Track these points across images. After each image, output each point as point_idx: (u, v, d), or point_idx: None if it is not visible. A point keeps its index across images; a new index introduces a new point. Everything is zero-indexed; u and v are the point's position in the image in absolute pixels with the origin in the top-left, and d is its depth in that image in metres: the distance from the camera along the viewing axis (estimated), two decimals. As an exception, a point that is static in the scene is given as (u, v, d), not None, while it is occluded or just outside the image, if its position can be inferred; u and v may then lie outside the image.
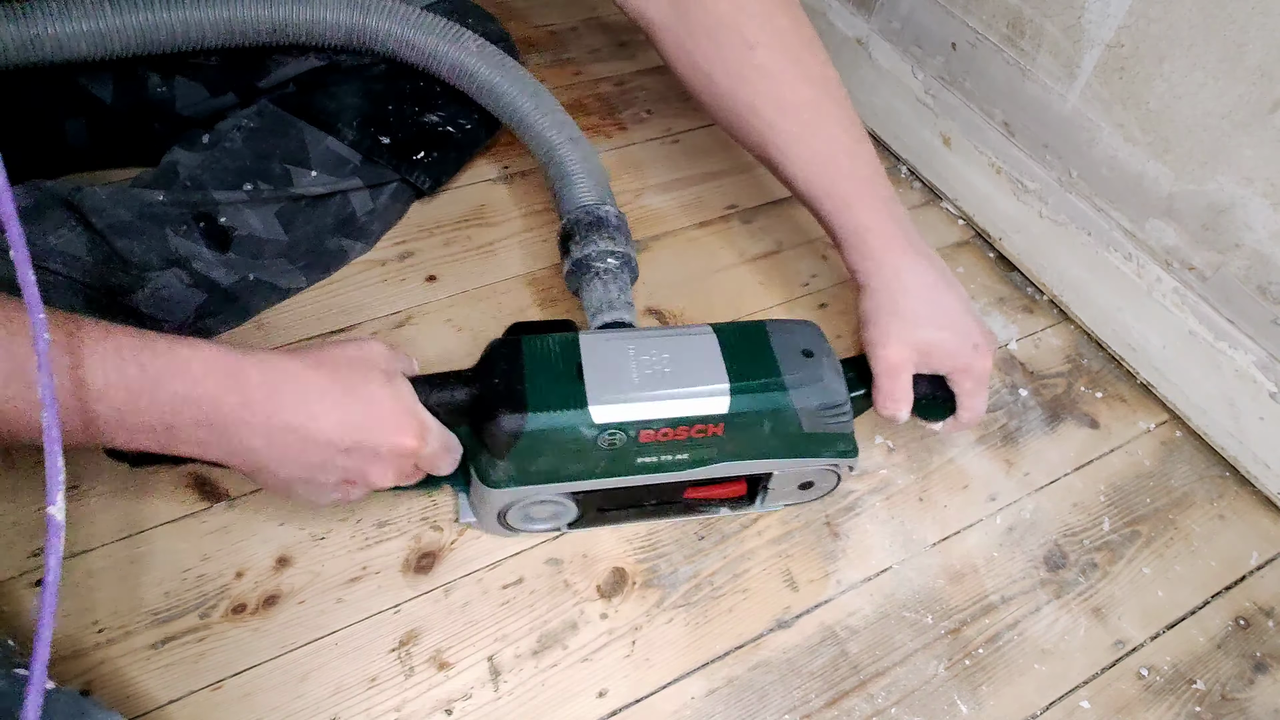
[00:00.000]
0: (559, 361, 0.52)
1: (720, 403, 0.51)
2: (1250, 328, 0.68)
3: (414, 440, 0.48)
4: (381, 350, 0.50)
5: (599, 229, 0.64)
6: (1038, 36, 0.77)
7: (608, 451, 0.52)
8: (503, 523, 0.57)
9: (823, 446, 0.56)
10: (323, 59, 0.72)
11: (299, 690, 0.51)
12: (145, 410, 0.42)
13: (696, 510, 0.61)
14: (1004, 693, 0.56)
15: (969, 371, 0.57)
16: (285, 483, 0.47)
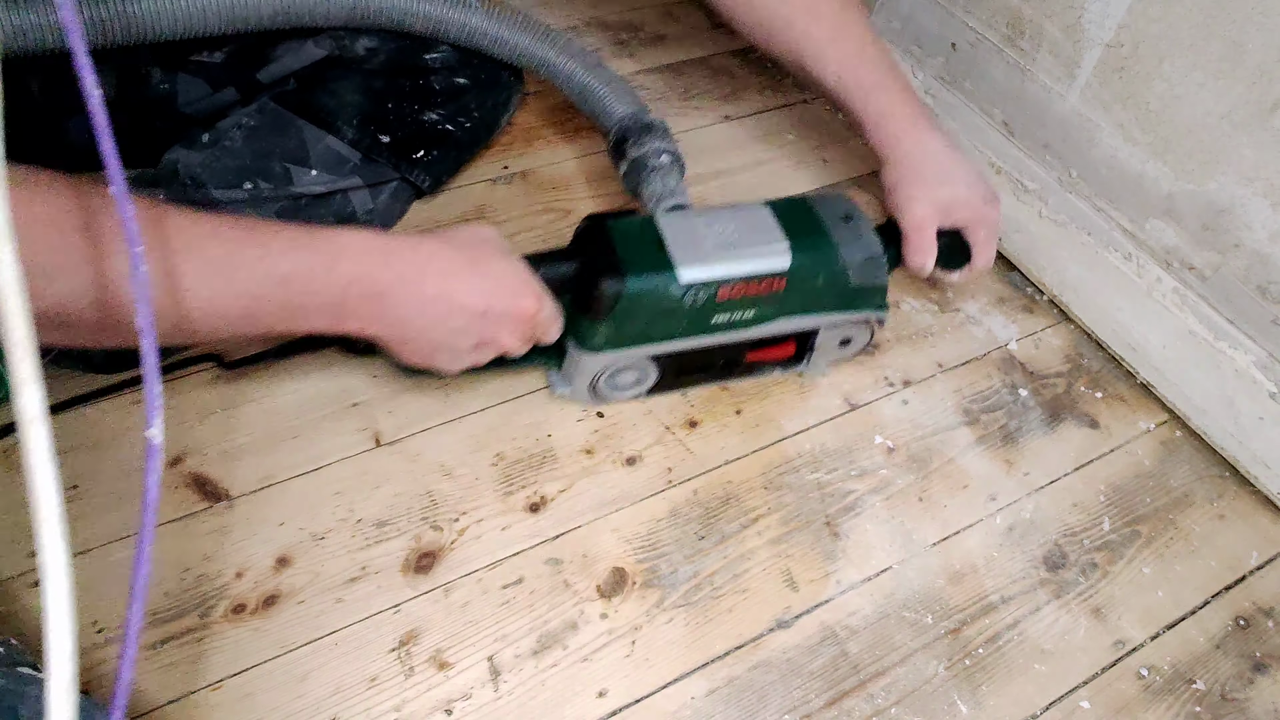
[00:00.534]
0: (642, 235, 0.60)
1: (783, 260, 0.60)
2: (1250, 328, 0.68)
3: (534, 304, 0.55)
4: (495, 232, 0.57)
5: (650, 131, 0.72)
6: (1038, 36, 0.77)
7: (690, 311, 0.60)
8: (593, 391, 0.64)
9: (863, 300, 0.64)
10: (323, 49, 0.72)
11: (299, 690, 0.51)
12: (321, 291, 0.49)
13: (755, 371, 0.69)
14: (1004, 693, 0.56)
15: (983, 222, 0.68)
16: (430, 349, 0.54)
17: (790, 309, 0.63)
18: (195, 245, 0.45)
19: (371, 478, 0.61)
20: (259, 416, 0.62)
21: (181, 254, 0.44)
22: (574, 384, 0.64)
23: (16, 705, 0.38)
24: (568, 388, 0.65)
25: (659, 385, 0.66)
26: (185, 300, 0.45)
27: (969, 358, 0.75)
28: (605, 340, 0.60)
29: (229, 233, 0.46)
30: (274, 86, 0.72)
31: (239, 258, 0.46)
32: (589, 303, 0.58)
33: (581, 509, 0.61)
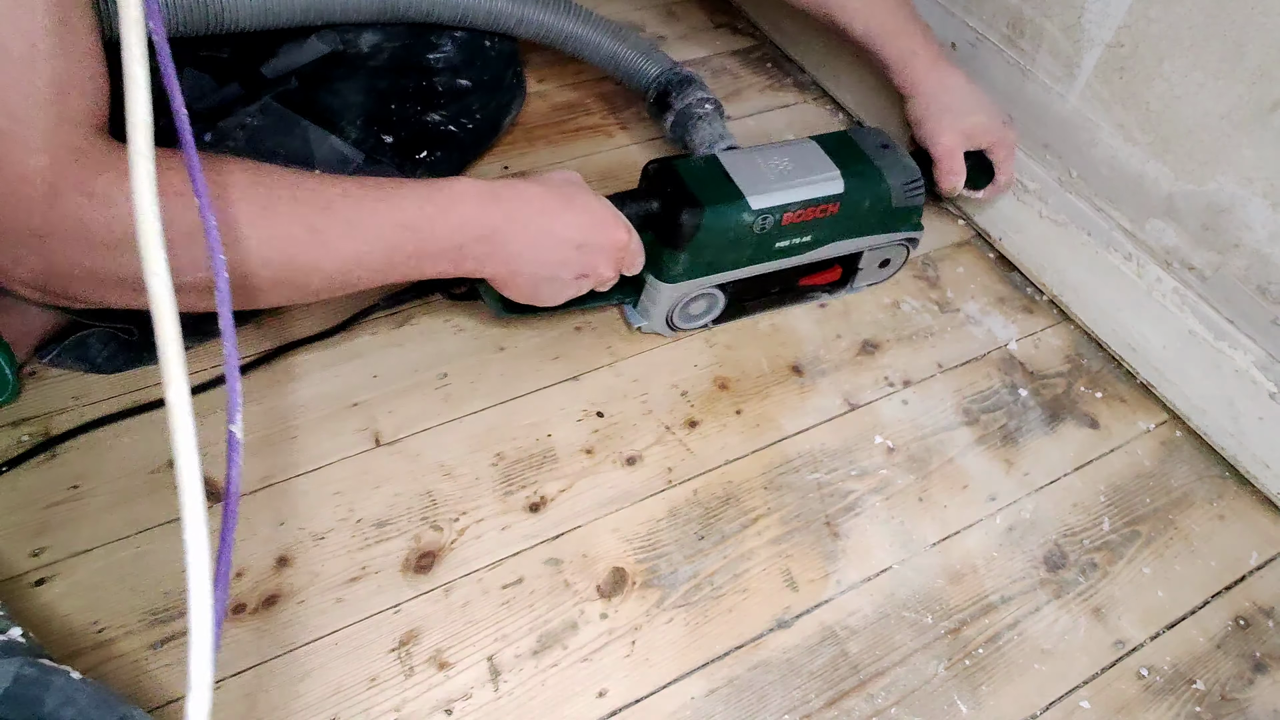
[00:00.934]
0: (710, 172, 0.65)
1: (836, 184, 0.67)
2: (1250, 328, 0.68)
3: (625, 235, 0.60)
4: (578, 176, 0.62)
5: (690, 83, 0.79)
6: (1038, 36, 0.77)
7: (758, 237, 0.66)
8: (669, 322, 0.70)
9: (902, 221, 0.72)
10: (326, 44, 0.72)
11: (299, 690, 0.51)
12: (441, 236, 0.53)
13: (807, 296, 0.76)
14: (1004, 693, 0.56)
15: (1003, 142, 0.76)
16: (536, 281, 0.59)
17: (841, 232, 0.69)
18: (333, 205, 0.49)
19: (371, 478, 0.61)
20: (259, 416, 0.62)
21: (324, 213, 0.49)
22: (651, 316, 0.69)
23: (43, 694, 0.38)
24: (646, 320, 0.70)
25: (725, 314, 0.72)
26: (334, 254, 0.50)
27: (969, 358, 0.75)
28: (683, 270, 0.65)
29: (357, 190, 0.51)
30: (277, 84, 0.72)
31: (370, 211, 0.51)
32: (670, 234, 0.64)
33: (581, 509, 0.61)
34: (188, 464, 0.33)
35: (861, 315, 0.77)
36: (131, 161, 0.34)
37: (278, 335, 0.67)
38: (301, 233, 0.49)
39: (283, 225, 0.48)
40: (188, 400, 0.33)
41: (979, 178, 0.78)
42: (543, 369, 0.69)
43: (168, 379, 0.33)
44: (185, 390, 0.33)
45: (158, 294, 0.34)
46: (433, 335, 0.69)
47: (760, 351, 0.73)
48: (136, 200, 0.34)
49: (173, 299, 0.34)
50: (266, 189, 0.48)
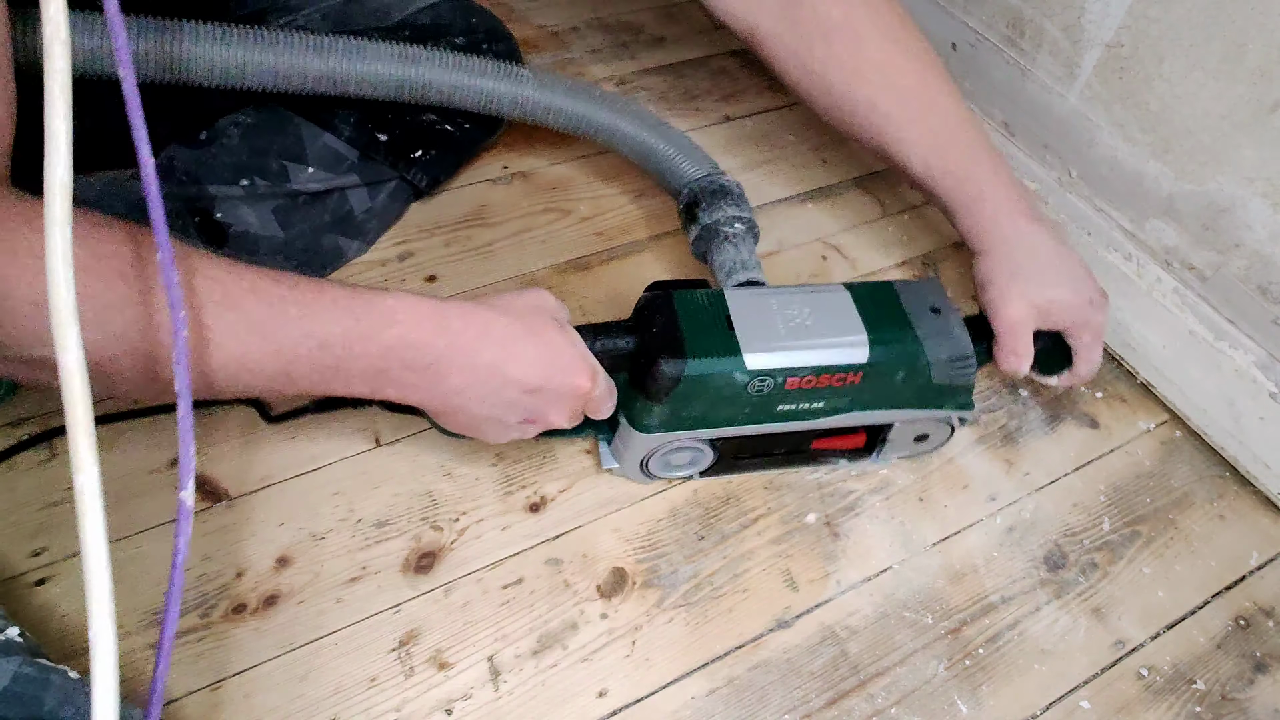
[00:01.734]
0: (710, 313, 0.55)
1: (860, 353, 0.55)
2: (1250, 328, 0.68)
3: (588, 382, 0.51)
4: (552, 300, 0.53)
5: (723, 196, 0.69)
6: (1038, 36, 0.77)
7: (754, 398, 0.55)
8: (644, 469, 0.61)
9: (946, 398, 0.60)
10: None
11: (299, 690, 0.51)
12: (361, 357, 0.46)
13: (819, 460, 0.65)
14: (1004, 693, 0.56)
15: (1087, 326, 0.62)
16: (476, 421, 0.51)
17: (864, 404, 0.58)
18: (232, 300, 0.42)
19: (371, 478, 0.61)
20: (258, 416, 0.62)
21: (216, 309, 0.42)
22: (624, 461, 0.60)
23: (42, 693, 0.38)
24: (617, 464, 0.61)
25: (714, 468, 0.62)
26: (216, 356, 0.42)
27: (969, 358, 0.75)
28: (660, 422, 0.56)
29: (269, 289, 0.44)
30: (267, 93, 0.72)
31: (279, 316, 0.44)
32: (645, 383, 0.54)
33: (581, 509, 0.61)
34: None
35: (861, 315, 0.77)
36: (48, 230, 0.30)
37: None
38: None
39: (157, 313, 0.40)
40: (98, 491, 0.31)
41: (1053, 362, 0.65)
42: (543, 369, 0.68)
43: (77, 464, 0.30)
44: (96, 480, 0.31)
45: (69, 371, 0.30)
46: (432, 335, 0.69)
47: (760, 351, 0.73)
48: (50, 271, 0.31)
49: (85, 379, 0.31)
50: (145, 265, 0.40)
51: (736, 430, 0.58)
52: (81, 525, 0.30)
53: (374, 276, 0.73)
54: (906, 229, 0.86)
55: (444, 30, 0.77)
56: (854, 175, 0.90)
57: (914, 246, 0.84)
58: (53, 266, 0.31)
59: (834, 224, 0.85)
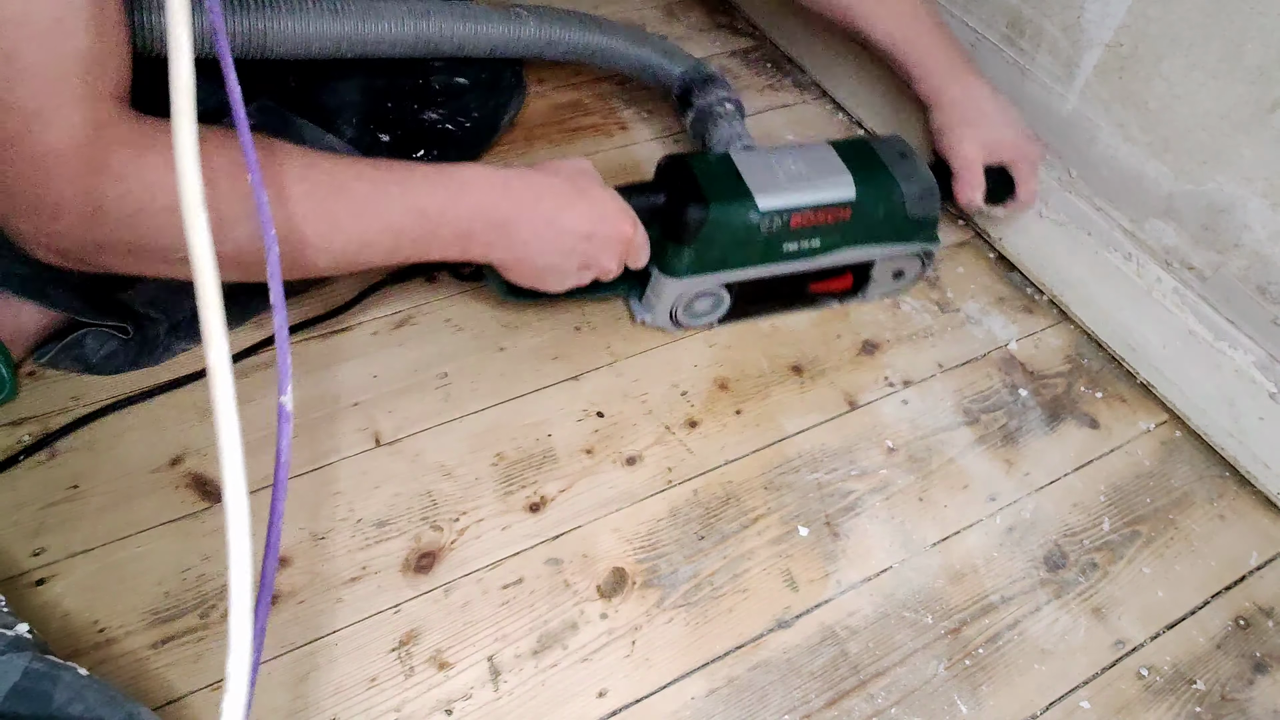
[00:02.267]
0: (721, 169, 0.66)
1: (849, 190, 0.66)
2: (1250, 328, 0.68)
3: (630, 228, 0.61)
4: (590, 165, 0.63)
5: (712, 82, 0.80)
6: (1037, 36, 0.77)
7: (765, 238, 0.66)
8: (673, 317, 0.70)
9: (917, 231, 0.71)
10: None
11: (299, 690, 0.51)
12: (452, 221, 0.55)
13: (817, 302, 0.76)
14: (1004, 693, 0.56)
15: (1026, 157, 0.75)
16: (541, 270, 0.60)
17: (853, 239, 0.69)
18: (346, 186, 0.50)
19: (371, 478, 0.61)
20: (259, 416, 0.62)
21: (335, 195, 0.50)
22: (655, 310, 0.69)
23: (52, 690, 0.38)
24: (650, 313, 0.70)
25: (731, 313, 0.72)
26: (341, 234, 0.51)
27: (969, 358, 0.75)
28: (688, 266, 0.66)
29: (371, 173, 0.52)
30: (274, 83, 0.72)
31: (384, 195, 0.52)
32: (675, 229, 0.64)
33: (581, 509, 0.61)
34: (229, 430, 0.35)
35: (861, 315, 0.77)
36: (175, 128, 0.35)
37: (277, 335, 0.67)
38: (314, 214, 0.49)
39: (296, 206, 0.48)
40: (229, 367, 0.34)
41: (1000, 192, 0.76)
42: (543, 369, 0.69)
43: (209, 342, 0.34)
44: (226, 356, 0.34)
45: (200, 261, 0.34)
46: (433, 335, 0.69)
47: (760, 351, 0.73)
48: (180, 168, 0.34)
49: (215, 266, 0.34)
50: (281, 168, 0.48)
51: (750, 272, 0.68)
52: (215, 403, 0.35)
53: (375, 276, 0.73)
54: (906, 229, 0.86)
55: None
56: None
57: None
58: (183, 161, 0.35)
59: (834, 224, 0.85)
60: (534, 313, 0.72)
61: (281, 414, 0.36)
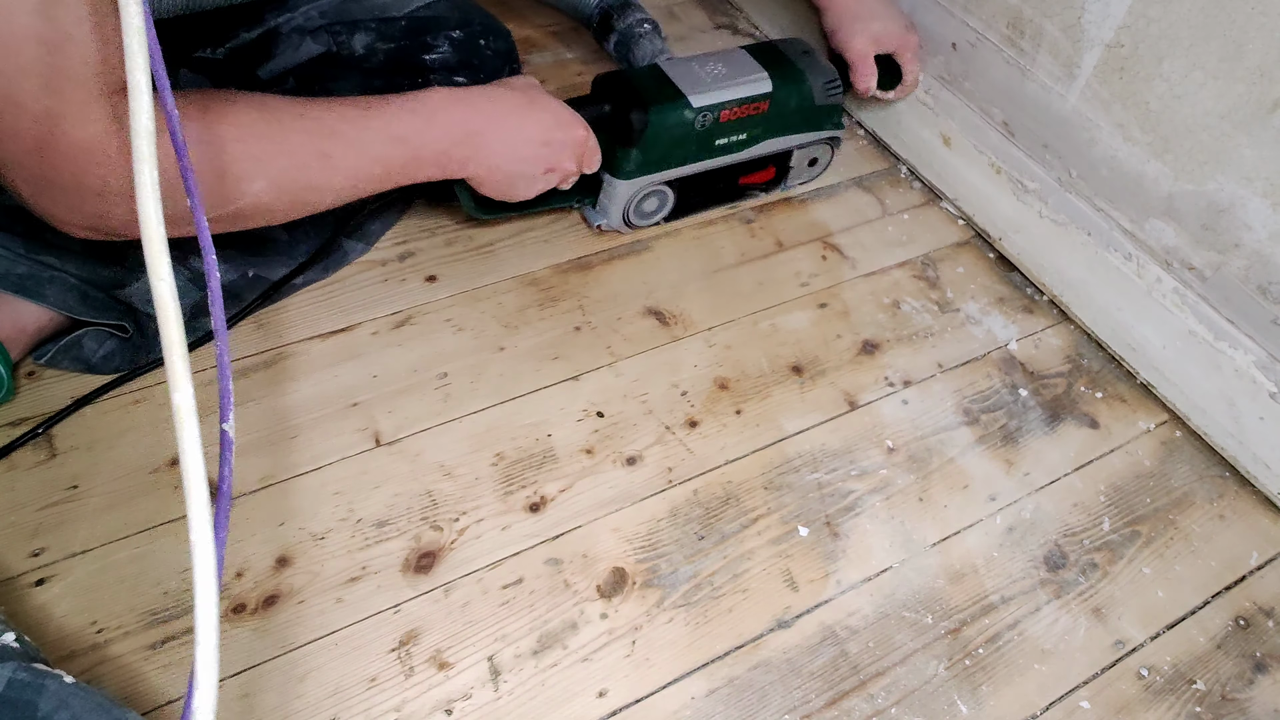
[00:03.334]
0: (653, 78, 0.74)
1: (765, 84, 0.75)
2: (1250, 328, 0.68)
3: (585, 131, 0.68)
4: (536, 80, 0.69)
5: (629, 6, 0.87)
6: (1038, 36, 0.77)
7: (699, 134, 0.74)
8: (626, 220, 0.78)
9: (825, 119, 0.81)
10: (320, 44, 0.72)
11: (299, 690, 0.51)
12: (429, 142, 0.60)
13: (746, 194, 0.84)
14: (1004, 693, 0.56)
15: (907, 45, 0.85)
16: (511, 178, 0.65)
17: (773, 130, 0.78)
18: (335, 129, 0.55)
19: (371, 478, 0.60)
20: (259, 416, 0.62)
21: (329, 137, 0.54)
22: (609, 213, 0.76)
23: (37, 699, 0.38)
24: (605, 218, 0.77)
25: (675, 211, 0.80)
26: (339, 172, 0.56)
27: (969, 358, 0.75)
28: (636, 166, 0.73)
29: (353, 113, 0.56)
30: (273, 85, 0.72)
31: (368, 130, 0.56)
32: (622, 133, 0.71)
33: (581, 509, 0.61)
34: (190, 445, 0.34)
35: (861, 315, 0.77)
36: (132, 119, 0.37)
37: (278, 336, 0.67)
38: (313, 159, 0.54)
39: (297, 156, 0.53)
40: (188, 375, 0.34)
41: (888, 80, 0.86)
42: (543, 369, 0.68)
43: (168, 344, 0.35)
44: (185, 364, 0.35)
45: (152, 240, 0.36)
46: (432, 335, 0.69)
47: (760, 351, 0.73)
48: (135, 157, 0.37)
49: (165, 247, 0.37)
50: (278, 123, 0.53)
51: (689, 169, 0.76)
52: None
53: (375, 276, 0.73)
54: (906, 229, 0.86)
55: (442, 24, 0.77)
56: (854, 175, 0.90)
57: (914, 246, 0.84)
58: (139, 149, 0.37)
59: (834, 223, 0.85)
60: (534, 312, 0.72)
61: (224, 440, 0.38)
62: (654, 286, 0.76)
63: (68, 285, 0.58)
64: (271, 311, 0.69)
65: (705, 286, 0.77)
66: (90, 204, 0.48)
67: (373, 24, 0.75)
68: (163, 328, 0.35)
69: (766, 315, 0.75)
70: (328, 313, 0.69)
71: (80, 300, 0.58)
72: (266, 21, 0.72)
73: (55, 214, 0.49)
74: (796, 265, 0.80)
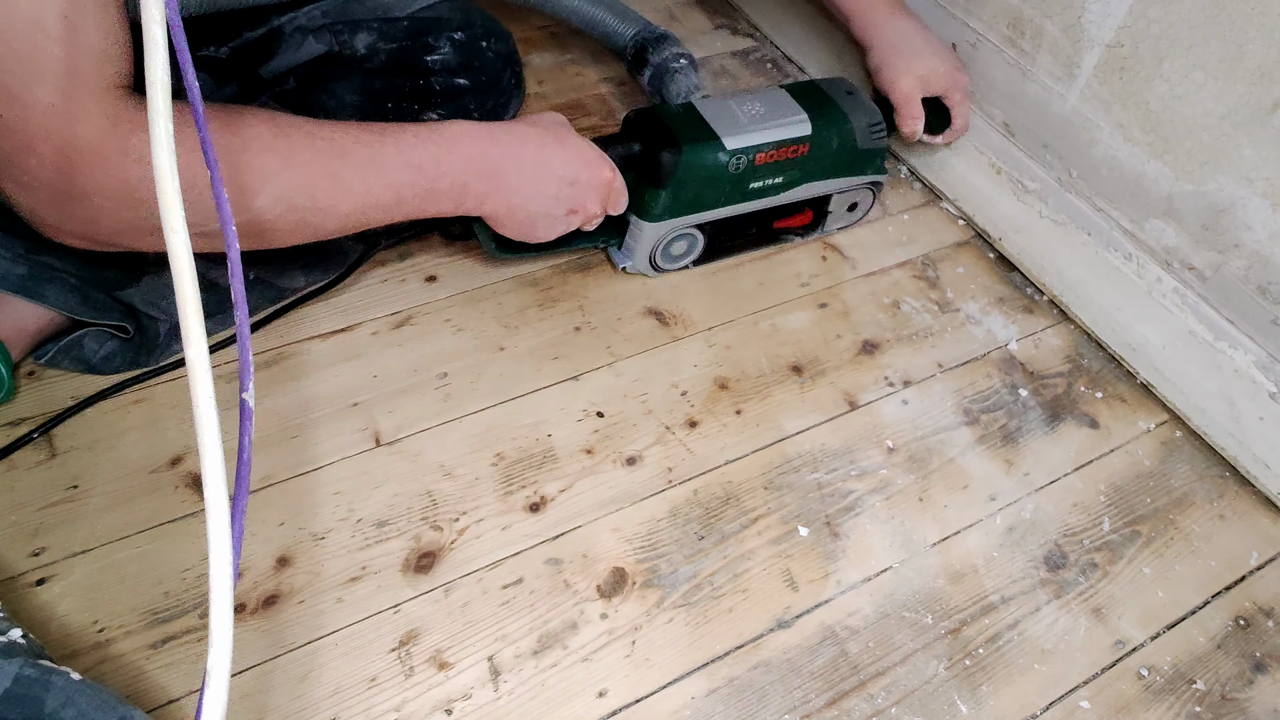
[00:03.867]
0: (687, 116, 0.70)
1: (805, 126, 0.71)
2: (1250, 328, 0.68)
3: (611, 172, 0.65)
4: (564, 118, 0.67)
5: (665, 40, 0.84)
6: (1038, 37, 0.77)
7: (733, 177, 0.70)
8: (653, 262, 0.74)
9: (867, 164, 0.77)
10: (323, 44, 0.72)
11: (299, 690, 0.51)
12: (447, 174, 0.58)
13: (781, 238, 0.81)
14: (1004, 693, 0.56)
15: (956, 86, 0.80)
16: (532, 217, 0.63)
17: (811, 173, 0.74)
18: (348, 150, 0.53)
19: (371, 478, 0.61)
20: (259, 416, 0.62)
21: (339, 158, 0.53)
22: (635, 255, 0.74)
23: (44, 695, 0.38)
24: (630, 260, 0.74)
25: (705, 255, 0.77)
26: (349, 196, 0.54)
27: (969, 358, 0.75)
28: (664, 209, 0.70)
29: (367, 136, 0.55)
30: (274, 84, 0.72)
31: (381, 154, 0.55)
32: (652, 173, 0.68)
33: (581, 509, 0.61)
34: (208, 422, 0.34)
35: (861, 315, 0.77)
36: (151, 121, 0.37)
37: (278, 336, 0.67)
38: (322, 178, 0.53)
39: (305, 173, 0.52)
40: (205, 357, 0.34)
41: (936, 123, 0.81)
42: (543, 369, 0.69)
43: (187, 338, 0.35)
44: (204, 347, 0.35)
45: (176, 250, 0.35)
46: (433, 335, 0.69)
47: (760, 351, 0.73)
48: (155, 158, 0.37)
49: (190, 254, 0.36)
50: (288, 139, 0.51)
51: (721, 212, 0.73)
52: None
53: (375, 276, 0.73)
54: (906, 229, 0.86)
55: (443, 25, 0.77)
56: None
57: (914, 246, 0.84)
58: (159, 152, 0.36)
59: (834, 224, 0.85)
60: (534, 312, 0.72)
61: (244, 410, 0.37)
62: (654, 286, 0.76)
63: (68, 285, 0.58)
64: (279, 311, 0.69)
65: (705, 286, 0.77)
66: (79, 208, 0.46)
67: (375, 24, 0.75)
68: (184, 323, 0.35)
69: (766, 315, 0.76)
70: (328, 313, 0.70)
71: (81, 301, 0.58)
72: (270, 20, 0.72)
73: (44, 218, 0.48)
74: (796, 265, 0.80)
